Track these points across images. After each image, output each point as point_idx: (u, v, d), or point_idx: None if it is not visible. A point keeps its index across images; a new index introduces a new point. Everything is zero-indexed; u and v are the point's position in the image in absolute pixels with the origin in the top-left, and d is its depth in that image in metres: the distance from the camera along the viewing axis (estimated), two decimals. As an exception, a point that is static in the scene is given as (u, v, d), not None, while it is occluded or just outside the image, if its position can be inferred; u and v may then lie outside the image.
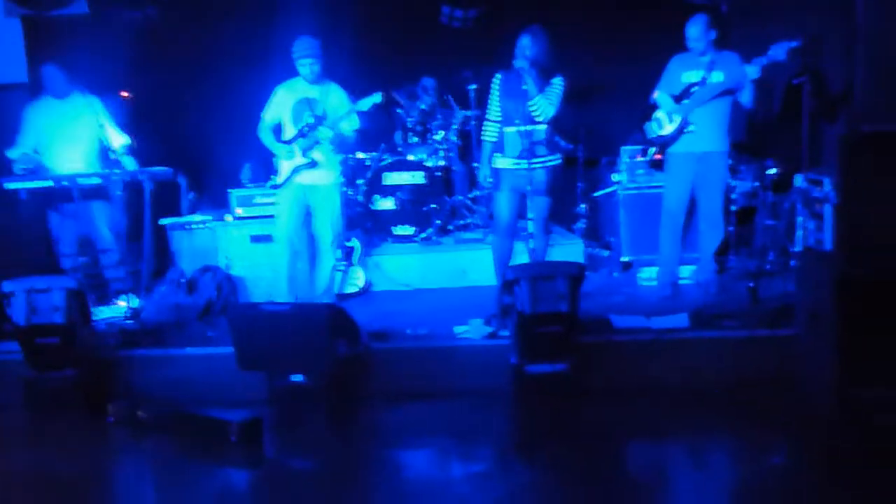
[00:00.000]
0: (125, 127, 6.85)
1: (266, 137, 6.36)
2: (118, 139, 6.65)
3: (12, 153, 6.52)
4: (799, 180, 6.52)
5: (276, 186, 6.41)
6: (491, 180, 6.14)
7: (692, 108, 6.16)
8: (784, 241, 6.86)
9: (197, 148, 8.38)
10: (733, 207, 7.01)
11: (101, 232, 6.68)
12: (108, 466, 4.80)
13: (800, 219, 6.55)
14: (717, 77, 6.09)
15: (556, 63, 5.86)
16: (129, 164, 6.50)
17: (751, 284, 6.05)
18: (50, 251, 6.71)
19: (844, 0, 4.73)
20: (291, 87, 6.30)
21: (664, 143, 6.38)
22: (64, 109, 6.62)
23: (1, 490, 4.40)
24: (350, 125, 6.29)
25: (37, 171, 6.43)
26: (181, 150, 7.78)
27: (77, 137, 6.63)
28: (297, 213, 6.35)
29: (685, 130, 6.22)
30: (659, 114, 6.37)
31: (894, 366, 4.55)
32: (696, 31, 6.09)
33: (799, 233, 6.56)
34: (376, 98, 6.14)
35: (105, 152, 6.67)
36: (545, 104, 5.77)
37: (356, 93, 6.29)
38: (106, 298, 6.57)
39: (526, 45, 5.75)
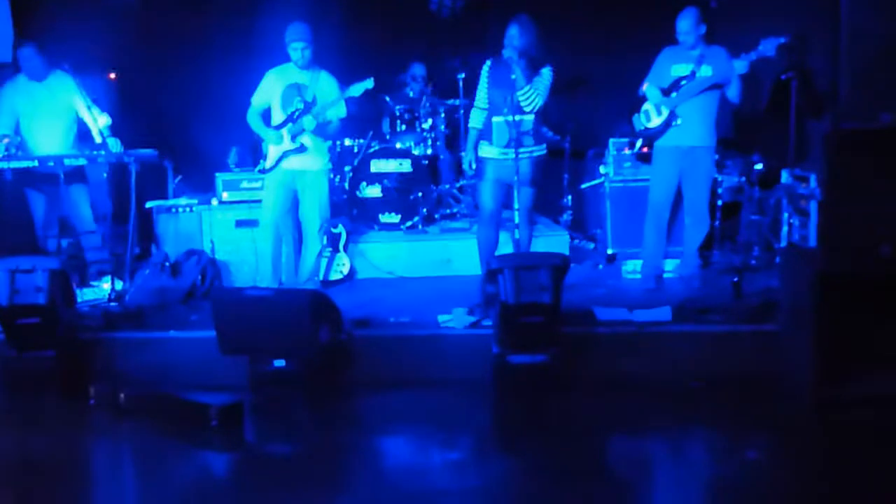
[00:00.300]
0: (112, 109, 6.82)
1: (255, 122, 6.35)
2: (100, 118, 6.60)
3: None
4: (785, 176, 6.55)
5: (263, 171, 6.40)
6: (475, 167, 6.15)
7: (680, 101, 6.17)
8: (769, 236, 6.90)
9: (184, 131, 8.35)
10: (719, 202, 7.03)
11: (83, 213, 6.66)
12: (88, 448, 4.80)
13: (785, 215, 6.57)
14: (706, 71, 6.10)
15: (544, 52, 5.85)
16: (114, 145, 6.47)
17: (735, 279, 6.06)
18: (30, 232, 6.69)
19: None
20: (282, 72, 6.29)
21: (651, 136, 6.39)
22: (41, 90, 6.57)
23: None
24: (336, 113, 6.28)
25: (21, 152, 6.40)
26: (168, 132, 7.77)
27: (55, 118, 6.59)
28: (284, 198, 6.34)
29: (672, 124, 6.23)
30: (647, 106, 6.38)
31: (872, 363, 4.59)
32: (686, 24, 6.09)
33: (784, 229, 6.59)
34: (368, 84, 6.14)
35: (84, 134, 6.63)
36: (534, 94, 5.77)
37: (346, 79, 6.28)
38: (89, 280, 6.55)
39: (514, 35, 5.74)
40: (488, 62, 6.02)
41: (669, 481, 4.26)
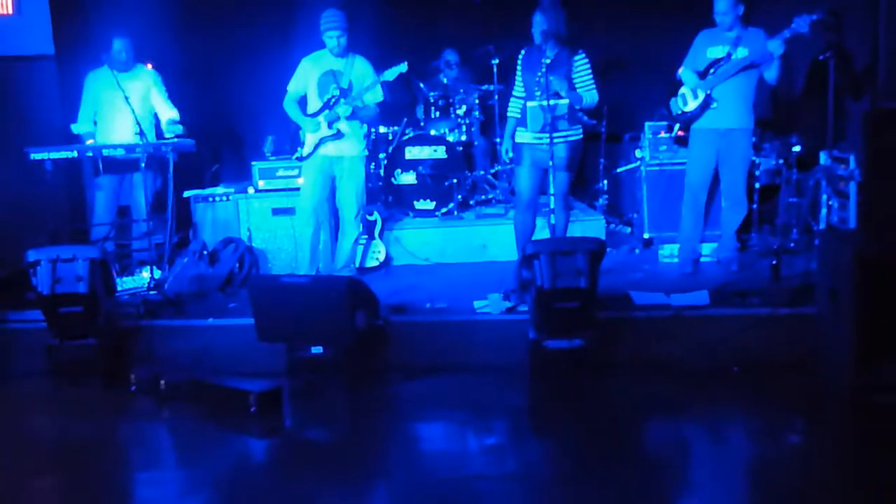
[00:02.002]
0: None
1: (291, 110, 6.39)
2: (167, 113, 6.73)
3: (76, 128, 6.66)
4: (823, 158, 6.47)
5: (301, 158, 6.43)
6: (511, 155, 6.14)
7: (716, 83, 6.11)
8: (808, 218, 6.81)
9: (221, 120, 8.43)
10: (757, 185, 6.96)
11: (139, 202, 6.76)
12: (129, 434, 4.86)
13: (824, 197, 6.49)
14: (742, 53, 6.03)
15: (575, 33, 5.83)
16: (170, 133, 6.60)
17: (773, 262, 6.01)
18: (84, 221, 6.81)
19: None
20: (317, 59, 6.31)
21: (688, 120, 6.33)
22: (123, 81, 6.68)
23: (24, 455, 4.48)
24: (374, 97, 6.29)
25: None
26: (205, 122, 7.82)
27: (135, 109, 6.70)
28: (323, 183, 6.37)
29: (709, 106, 6.17)
30: (684, 90, 6.32)
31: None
32: (724, 4, 6.02)
33: (823, 211, 6.50)
34: (402, 68, 6.15)
35: (159, 125, 6.76)
36: (587, 88, 5.81)
37: (380, 66, 6.29)
38: (130, 269, 6.64)
39: (539, 21, 5.75)
40: (523, 51, 6.01)
41: (706, 464, 4.23)
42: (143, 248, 6.69)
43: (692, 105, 6.26)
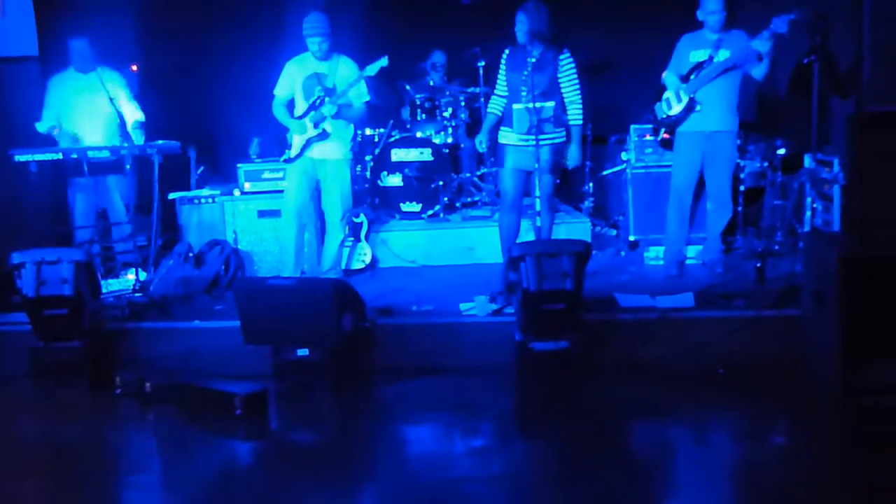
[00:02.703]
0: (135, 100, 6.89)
1: (280, 113, 6.38)
2: (132, 115, 6.69)
3: (41, 126, 6.61)
4: (808, 160, 6.50)
5: (289, 161, 6.42)
6: (485, 147, 6.28)
7: (699, 86, 6.14)
8: (792, 221, 6.85)
9: (206, 122, 8.41)
10: (742, 187, 6.99)
11: (116, 205, 6.76)
12: (114, 437, 4.83)
13: (808, 199, 6.53)
14: (724, 55, 6.07)
15: (559, 33, 5.85)
16: (138, 138, 6.53)
17: (758, 264, 6.04)
18: (66, 223, 6.78)
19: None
20: (301, 62, 6.31)
21: (673, 123, 6.36)
22: (86, 83, 6.67)
23: (8, 458, 4.45)
24: (359, 96, 6.29)
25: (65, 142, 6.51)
26: (190, 124, 7.81)
27: (97, 111, 6.68)
28: (307, 186, 6.37)
29: (693, 109, 6.20)
30: (668, 94, 6.35)
31: (897, 347, 4.55)
32: (715, 3, 6.04)
33: (807, 213, 6.54)
34: (383, 62, 6.14)
35: (125, 127, 6.73)
36: (572, 91, 5.89)
37: (365, 66, 6.28)
38: (115, 271, 6.61)
39: (522, 21, 5.77)
40: (507, 50, 6.02)
41: (692, 466, 4.24)
42: (127, 251, 6.68)
43: (676, 109, 6.28)
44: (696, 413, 4.77)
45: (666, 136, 6.48)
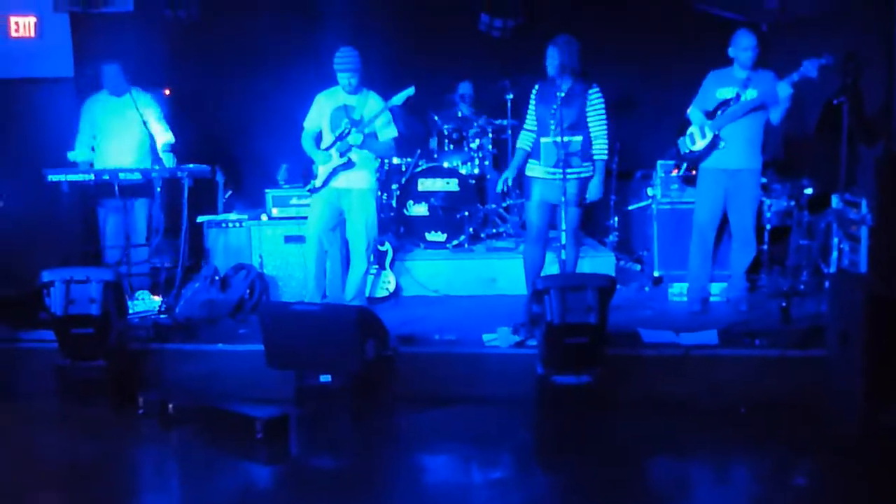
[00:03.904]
0: (166, 123, 6.99)
1: (308, 146, 6.42)
2: (162, 136, 6.79)
3: (73, 155, 6.73)
4: (835, 201, 6.48)
5: (313, 190, 6.46)
6: (508, 187, 6.33)
7: (724, 123, 6.15)
8: (818, 261, 6.81)
9: (235, 147, 8.51)
10: (767, 226, 6.96)
11: (139, 227, 6.84)
12: (135, 457, 4.86)
13: (835, 240, 6.50)
14: (751, 94, 6.08)
15: (588, 68, 5.89)
16: (168, 160, 6.62)
17: (783, 304, 6.01)
18: (95, 243, 6.86)
19: (885, 21, 4.71)
20: (330, 95, 6.36)
21: (696, 159, 6.37)
22: (119, 105, 6.78)
23: (27, 473, 4.49)
24: (388, 132, 6.33)
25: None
26: (220, 148, 7.90)
27: (129, 134, 6.80)
28: (329, 215, 6.39)
29: (717, 146, 6.21)
30: (692, 129, 6.37)
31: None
32: (749, 40, 6.06)
33: (834, 254, 6.51)
34: (409, 91, 6.16)
35: (154, 149, 6.83)
36: (599, 127, 5.90)
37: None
38: (141, 292, 6.67)
39: (553, 55, 5.80)
40: (536, 85, 6.06)
41: (713, 505, 4.22)
42: (142, 273, 6.76)
43: (700, 144, 6.30)
44: (717, 452, 4.73)
45: (693, 172, 6.48)
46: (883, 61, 6.53)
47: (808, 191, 6.88)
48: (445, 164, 7.97)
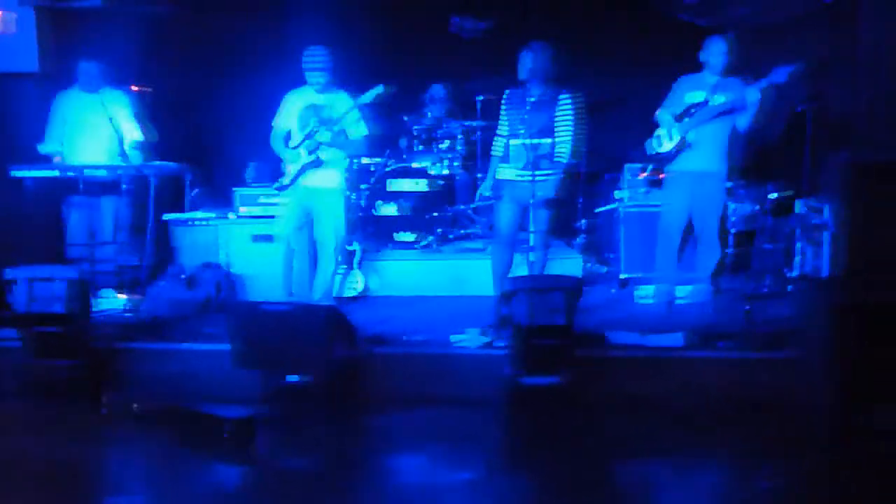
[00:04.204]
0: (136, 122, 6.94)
1: (277, 145, 6.39)
2: (131, 134, 6.72)
3: (43, 148, 6.64)
4: (799, 206, 6.56)
5: (281, 188, 6.44)
6: (488, 193, 6.26)
7: (691, 127, 6.21)
8: (782, 265, 6.89)
9: (203, 145, 8.43)
10: (732, 230, 7.03)
11: (105, 225, 6.77)
12: (99, 457, 4.81)
13: (798, 244, 6.58)
14: (719, 99, 6.14)
15: (563, 74, 5.91)
16: (135, 158, 6.56)
17: (747, 307, 6.08)
18: (60, 241, 6.78)
19: (849, 29, 4.79)
20: (300, 94, 6.34)
21: (662, 161, 6.42)
22: (90, 102, 6.71)
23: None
24: (358, 129, 6.32)
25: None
26: (187, 145, 7.83)
27: (99, 130, 6.72)
28: (298, 214, 6.37)
29: (684, 149, 6.26)
30: (660, 131, 6.42)
31: (888, 394, 4.58)
32: (724, 45, 6.12)
33: (797, 258, 6.59)
34: (378, 90, 6.14)
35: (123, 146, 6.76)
36: (566, 136, 5.90)
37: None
38: (106, 290, 6.60)
39: (526, 61, 5.82)
40: (507, 91, 6.08)
41: (680, 505, 4.26)
42: (108, 272, 6.69)
43: (667, 146, 6.34)
44: (685, 452, 4.76)
45: (661, 175, 6.53)
46: (847, 68, 6.62)
47: (772, 195, 6.96)
48: (415, 165, 7.97)
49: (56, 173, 6.25)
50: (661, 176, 6.55)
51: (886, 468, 4.40)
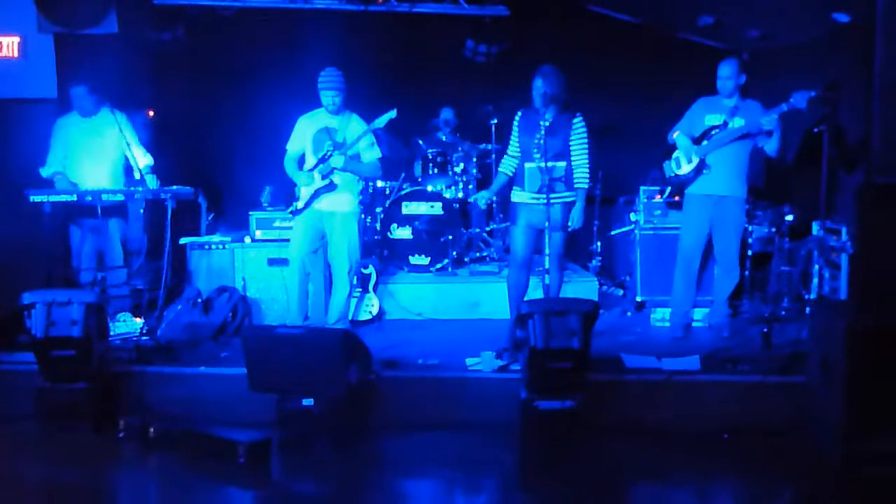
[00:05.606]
0: (149, 145, 6.97)
1: (291, 169, 6.42)
2: (142, 159, 6.76)
3: (45, 171, 6.67)
4: (816, 228, 6.54)
5: (295, 212, 6.47)
6: (484, 206, 6.40)
7: (710, 150, 6.21)
8: (799, 287, 6.87)
9: (219, 169, 8.50)
10: (749, 252, 7.02)
11: (115, 248, 6.80)
12: (116, 480, 4.83)
13: (816, 266, 6.55)
14: (738, 122, 6.14)
15: (572, 97, 5.93)
16: (152, 182, 6.60)
17: (764, 330, 6.05)
18: (68, 264, 6.81)
19: (865, 53, 4.78)
20: (313, 117, 6.38)
21: (681, 183, 6.42)
22: (91, 126, 6.76)
23: (9, 498, 4.43)
24: (371, 153, 6.35)
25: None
26: (203, 170, 7.89)
27: (102, 154, 6.77)
28: (312, 237, 6.39)
29: (702, 171, 6.26)
30: (678, 153, 6.42)
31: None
32: (727, 69, 6.14)
33: (814, 280, 6.56)
34: (391, 114, 6.18)
35: (130, 170, 6.78)
36: (581, 159, 5.92)
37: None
38: (122, 314, 6.63)
39: (539, 86, 5.83)
40: (519, 112, 6.10)
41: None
42: (122, 295, 6.71)
43: (686, 169, 6.35)
44: (699, 477, 4.75)
45: (677, 198, 6.52)
46: (862, 89, 6.60)
47: (789, 218, 6.95)
48: (429, 188, 7.99)
49: (74, 198, 6.28)
50: (676, 198, 6.54)
51: (892, 494, 4.36)
